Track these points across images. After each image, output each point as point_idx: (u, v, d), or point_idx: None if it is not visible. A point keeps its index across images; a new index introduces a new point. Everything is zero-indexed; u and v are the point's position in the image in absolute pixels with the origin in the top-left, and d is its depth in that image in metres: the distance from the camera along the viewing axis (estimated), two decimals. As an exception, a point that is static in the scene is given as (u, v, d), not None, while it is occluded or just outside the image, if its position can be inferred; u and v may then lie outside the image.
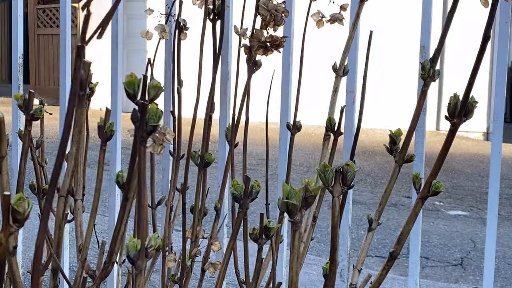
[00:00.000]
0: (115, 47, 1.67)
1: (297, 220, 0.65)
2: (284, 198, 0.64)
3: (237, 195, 0.85)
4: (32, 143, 1.29)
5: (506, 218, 4.81)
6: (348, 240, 1.52)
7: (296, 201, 0.64)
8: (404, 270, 3.46)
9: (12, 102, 1.32)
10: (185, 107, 1.48)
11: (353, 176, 0.74)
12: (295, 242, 0.67)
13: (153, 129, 0.56)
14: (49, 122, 1.87)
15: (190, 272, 1.32)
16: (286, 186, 0.65)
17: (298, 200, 0.64)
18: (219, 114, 1.60)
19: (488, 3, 0.79)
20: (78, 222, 1.11)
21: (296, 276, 0.69)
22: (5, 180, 0.90)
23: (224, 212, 1.54)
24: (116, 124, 1.64)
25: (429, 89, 1.06)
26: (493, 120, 1.47)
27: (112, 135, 1.07)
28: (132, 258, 0.54)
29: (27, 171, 1.07)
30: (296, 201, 0.64)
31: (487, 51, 5.61)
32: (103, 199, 1.15)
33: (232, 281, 2.62)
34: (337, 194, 0.73)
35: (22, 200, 0.47)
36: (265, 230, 0.89)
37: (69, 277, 1.19)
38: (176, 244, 1.51)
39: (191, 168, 1.34)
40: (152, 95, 0.59)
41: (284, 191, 0.64)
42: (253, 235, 0.91)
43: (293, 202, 0.64)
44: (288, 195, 0.64)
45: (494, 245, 1.46)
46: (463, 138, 8.43)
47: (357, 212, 4.68)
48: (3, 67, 14.49)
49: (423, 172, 1.42)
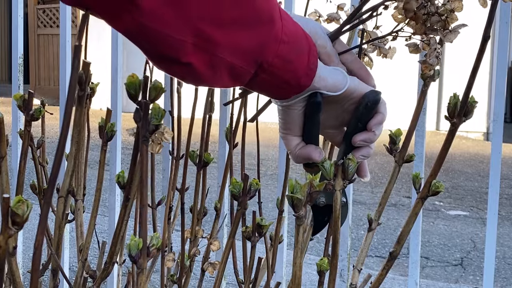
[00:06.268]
0: (115, 47, 1.67)
1: (301, 215, 0.66)
2: (289, 193, 0.65)
3: (235, 193, 0.85)
4: (33, 142, 1.29)
5: (506, 218, 4.82)
6: (348, 240, 1.52)
7: (301, 195, 0.64)
8: (404, 270, 3.46)
9: (12, 102, 1.32)
10: (185, 107, 1.48)
11: (354, 170, 0.75)
12: (299, 237, 0.68)
13: (156, 128, 0.56)
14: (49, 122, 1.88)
15: (189, 272, 1.32)
16: (291, 181, 0.65)
17: (303, 195, 0.65)
18: (219, 114, 1.60)
19: (487, 3, 0.79)
20: (78, 222, 1.11)
21: (299, 270, 0.69)
22: (4, 180, 0.90)
23: (224, 212, 1.54)
24: (117, 124, 1.64)
25: (429, 89, 1.06)
26: (493, 120, 1.47)
27: (113, 135, 1.07)
28: (134, 257, 0.54)
29: (27, 171, 1.07)
30: (301, 196, 0.64)
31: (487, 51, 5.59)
32: (103, 199, 1.15)
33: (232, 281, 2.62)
34: (339, 188, 0.73)
35: (21, 202, 0.47)
36: (258, 228, 0.89)
37: (69, 277, 1.19)
38: (176, 244, 1.51)
39: (192, 168, 1.34)
40: (153, 95, 0.59)
41: (290, 186, 0.65)
42: (246, 233, 0.91)
43: (298, 196, 0.64)
44: (293, 189, 0.65)
45: (494, 245, 1.46)
46: (463, 138, 8.43)
47: (357, 212, 4.68)
48: (3, 67, 14.50)
49: (423, 172, 1.42)
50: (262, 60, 0.67)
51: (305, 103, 0.76)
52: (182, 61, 0.64)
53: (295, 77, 0.71)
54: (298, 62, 0.71)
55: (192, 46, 0.63)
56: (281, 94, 0.74)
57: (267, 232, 0.94)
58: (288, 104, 0.76)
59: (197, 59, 0.64)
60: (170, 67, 0.66)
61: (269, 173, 5.83)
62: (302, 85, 0.72)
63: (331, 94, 0.75)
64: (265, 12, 0.66)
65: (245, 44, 0.66)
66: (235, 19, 0.64)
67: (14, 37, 1.79)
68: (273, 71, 0.69)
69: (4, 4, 14.49)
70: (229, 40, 0.64)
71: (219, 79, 0.68)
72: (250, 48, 0.66)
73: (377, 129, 0.78)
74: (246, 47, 0.66)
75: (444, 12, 0.79)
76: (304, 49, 0.71)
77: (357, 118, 0.78)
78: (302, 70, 0.71)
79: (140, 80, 0.60)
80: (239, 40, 0.65)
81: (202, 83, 0.69)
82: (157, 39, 0.61)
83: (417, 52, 0.85)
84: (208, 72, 0.66)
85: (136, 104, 0.60)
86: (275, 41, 0.68)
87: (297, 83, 0.72)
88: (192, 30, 0.62)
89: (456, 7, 0.79)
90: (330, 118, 0.80)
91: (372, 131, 0.77)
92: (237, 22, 0.64)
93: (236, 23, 0.64)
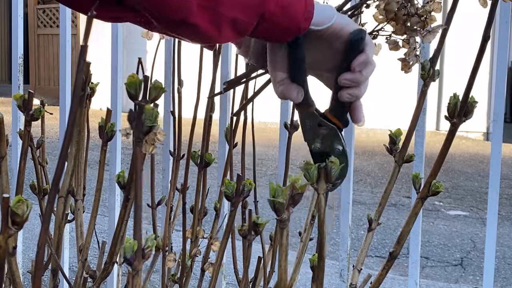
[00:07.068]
0: (115, 47, 1.67)
1: (284, 218, 0.65)
2: (271, 197, 0.64)
3: (228, 193, 0.85)
4: (33, 142, 1.29)
5: (506, 218, 4.82)
6: (348, 240, 1.52)
7: (282, 199, 0.64)
8: (404, 270, 3.46)
9: (12, 102, 1.33)
10: (185, 107, 1.48)
11: (337, 172, 0.73)
12: (282, 240, 0.67)
13: (150, 129, 0.56)
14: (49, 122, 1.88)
15: (190, 272, 1.32)
16: (272, 185, 0.65)
17: (285, 198, 0.64)
18: (219, 114, 1.60)
19: (487, 3, 0.79)
20: (78, 222, 1.11)
21: (284, 273, 0.69)
22: (4, 180, 0.90)
23: (224, 212, 1.54)
24: (117, 124, 1.64)
25: (429, 89, 1.06)
26: (493, 120, 1.47)
27: (113, 135, 1.07)
28: (129, 260, 0.54)
29: (27, 171, 1.07)
30: (283, 199, 0.64)
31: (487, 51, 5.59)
32: (103, 199, 1.15)
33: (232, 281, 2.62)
34: (322, 191, 0.72)
35: (21, 202, 0.47)
36: (254, 226, 0.89)
37: (69, 277, 1.19)
38: (176, 244, 1.51)
39: (191, 168, 1.34)
40: (153, 95, 0.59)
41: (271, 190, 0.64)
42: (242, 231, 0.91)
43: (280, 200, 0.64)
44: (275, 193, 0.64)
45: (494, 245, 1.46)
46: (463, 138, 8.43)
47: (357, 212, 4.68)
48: (3, 67, 14.50)
49: (423, 172, 1.42)
50: (263, 11, 0.70)
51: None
52: (189, 22, 0.67)
53: (295, 22, 0.73)
54: (296, 7, 0.72)
55: (197, 6, 0.66)
56: (281, 39, 0.75)
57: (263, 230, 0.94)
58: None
59: (202, 18, 0.67)
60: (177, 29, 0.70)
61: (269, 173, 5.83)
62: (302, 28, 0.74)
63: (317, 28, 0.75)
64: None
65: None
66: None
67: (14, 37, 1.79)
68: (274, 19, 0.71)
69: (4, 4, 14.49)
70: None
71: (223, 34, 0.70)
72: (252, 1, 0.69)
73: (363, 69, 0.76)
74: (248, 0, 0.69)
75: (424, 13, 0.80)
76: None
77: (343, 58, 0.76)
78: (301, 15, 0.73)
79: (140, 80, 0.60)
80: None
81: (208, 40, 0.72)
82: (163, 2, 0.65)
83: (396, 49, 0.86)
84: (213, 29, 0.69)
85: (135, 104, 0.60)
86: None
87: (297, 28, 0.73)
88: None
89: (435, 8, 0.80)
90: (323, 59, 0.79)
91: (358, 71, 0.76)
92: None
93: None
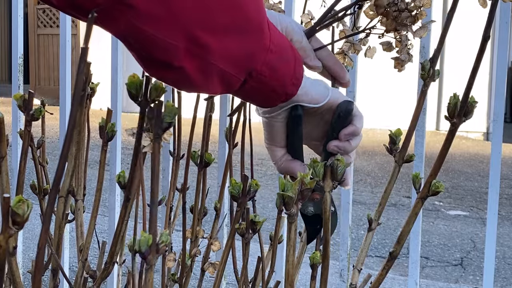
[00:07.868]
0: (115, 47, 1.67)
1: (293, 213, 0.66)
2: (280, 191, 0.65)
3: (235, 194, 0.85)
4: (33, 142, 1.29)
5: (506, 218, 4.82)
6: (348, 240, 1.52)
7: (292, 193, 0.65)
8: (404, 270, 3.46)
9: (12, 102, 1.33)
10: (185, 107, 1.48)
11: (343, 171, 0.75)
12: (291, 235, 0.68)
13: (169, 126, 0.57)
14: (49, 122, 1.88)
15: (190, 271, 1.32)
16: (282, 179, 0.66)
17: (294, 193, 0.65)
18: (219, 114, 1.60)
19: (487, 3, 0.79)
20: (79, 222, 1.11)
21: (292, 268, 0.70)
22: (5, 180, 0.90)
23: (224, 212, 1.54)
24: (117, 124, 1.64)
25: (429, 89, 1.06)
26: (493, 120, 1.47)
27: (113, 135, 1.07)
28: (143, 253, 0.54)
29: (27, 171, 1.07)
30: (292, 194, 0.65)
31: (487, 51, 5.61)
32: (103, 199, 1.15)
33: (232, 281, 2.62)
34: (328, 189, 0.74)
35: (21, 202, 0.47)
36: (252, 225, 0.89)
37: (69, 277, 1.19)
38: (176, 244, 1.51)
39: (191, 168, 1.34)
40: (154, 96, 0.59)
41: (280, 184, 0.65)
42: (240, 229, 0.91)
43: (289, 194, 0.65)
44: (284, 188, 0.65)
45: (494, 245, 1.47)
46: (463, 138, 8.44)
47: (357, 212, 4.68)
48: (3, 67, 14.50)
49: (423, 172, 1.42)
50: (252, 68, 0.69)
51: (287, 115, 0.78)
52: (174, 65, 0.64)
53: (281, 85, 0.73)
54: (284, 71, 0.72)
55: (184, 51, 0.63)
56: (268, 102, 0.75)
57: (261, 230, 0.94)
58: (271, 116, 0.78)
59: (189, 64, 0.64)
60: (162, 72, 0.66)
61: (269, 173, 5.83)
62: (289, 94, 0.74)
63: (312, 106, 0.77)
64: (255, 21, 0.68)
65: (236, 51, 0.67)
66: (227, 26, 0.65)
67: (14, 37, 1.79)
68: (261, 79, 0.70)
69: (4, 4, 14.49)
70: (221, 47, 0.65)
71: (211, 85, 0.68)
72: (241, 56, 0.67)
73: (352, 139, 0.79)
74: (237, 54, 0.67)
75: (414, 8, 0.80)
76: (290, 58, 0.73)
77: (331, 128, 0.80)
78: (289, 79, 0.73)
79: (141, 80, 0.60)
80: (230, 47, 0.66)
81: (194, 89, 0.70)
82: (150, 42, 0.62)
83: (390, 50, 0.87)
84: (200, 77, 0.66)
85: (137, 104, 0.60)
86: (264, 49, 0.69)
87: (283, 91, 0.73)
88: (185, 34, 0.62)
89: (425, 3, 0.80)
90: (314, 129, 0.82)
91: (346, 141, 0.79)
92: (228, 30, 0.65)
93: (228, 31, 0.65)
